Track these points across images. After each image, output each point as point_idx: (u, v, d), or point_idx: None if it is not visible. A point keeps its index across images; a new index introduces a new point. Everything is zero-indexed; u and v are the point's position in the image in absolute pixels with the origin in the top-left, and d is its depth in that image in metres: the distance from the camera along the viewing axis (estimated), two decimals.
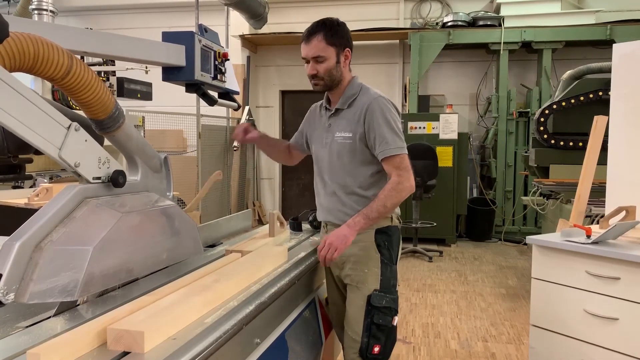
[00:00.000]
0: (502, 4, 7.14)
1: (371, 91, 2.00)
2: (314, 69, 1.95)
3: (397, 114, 1.97)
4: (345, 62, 1.99)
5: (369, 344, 1.89)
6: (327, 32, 1.92)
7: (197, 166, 6.35)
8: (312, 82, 2.00)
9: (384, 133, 1.91)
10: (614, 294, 2.13)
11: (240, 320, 1.32)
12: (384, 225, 1.98)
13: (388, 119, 1.92)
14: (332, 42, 1.93)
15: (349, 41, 2.00)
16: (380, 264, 1.95)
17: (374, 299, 1.91)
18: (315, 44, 1.93)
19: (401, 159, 1.94)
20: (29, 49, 1.10)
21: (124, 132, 1.44)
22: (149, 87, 5.03)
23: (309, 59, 1.95)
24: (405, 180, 1.93)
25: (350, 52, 2.01)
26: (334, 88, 2.01)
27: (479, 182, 7.39)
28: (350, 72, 2.05)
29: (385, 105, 1.94)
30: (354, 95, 2.00)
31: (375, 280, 1.94)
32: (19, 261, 1.12)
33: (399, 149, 1.93)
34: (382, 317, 1.91)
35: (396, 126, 1.94)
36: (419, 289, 4.82)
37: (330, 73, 1.95)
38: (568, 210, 3.73)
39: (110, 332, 1.09)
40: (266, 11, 7.23)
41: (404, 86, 7.72)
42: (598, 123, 2.67)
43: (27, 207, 2.60)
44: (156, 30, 2.13)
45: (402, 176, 1.93)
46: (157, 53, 1.65)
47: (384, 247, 1.97)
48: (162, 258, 1.50)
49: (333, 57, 1.94)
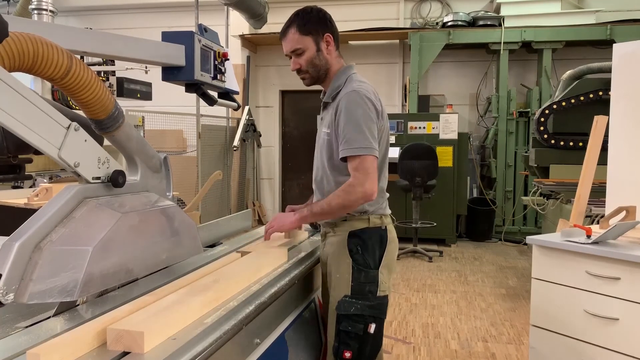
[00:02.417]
0: (502, 4, 7.14)
1: (353, 84, 1.85)
2: (296, 63, 1.88)
3: (370, 110, 1.80)
4: (329, 49, 1.89)
5: (339, 349, 1.82)
6: (300, 22, 1.86)
7: (197, 166, 6.35)
8: (300, 77, 1.91)
9: (345, 131, 1.77)
10: (614, 294, 2.13)
11: (240, 321, 1.32)
12: (357, 228, 1.86)
13: (354, 116, 1.77)
14: (306, 30, 1.85)
15: (328, 26, 1.89)
16: (352, 269, 1.83)
17: (339, 306, 1.82)
18: (290, 38, 1.87)
19: (361, 160, 1.75)
20: (28, 48, 1.10)
21: (123, 132, 1.44)
22: (148, 87, 5.03)
23: (289, 54, 1.89)
24: (358, 184, 1.75)
25: (332, 36, 1.89)
26: (324, 79, 1.92)
27: (479, 182, 7.39)
28: (341, 58, 1.95)
29: (355, 100, 1.78)
30: (338, 87, 1.88)
31: (345, 286, 1.83)
32: (18, 261, 1.12)
33: (359, 150, 1.75)
34: (351, 324, 1.80)
35: (364, 124, 1.77)
36: (419, 289, 4.82)
37: (312, 64, 1.87)
38: (568, 210, 3.73)
39: (110, 332, 1.08)
40: (266, 11, 7.23)
41: (404, 86, 7.72)
42: (598, 123, 2.67)
43: (27, 207, 2.60)
44: (156, 30, 2.13)
45: (356, 178, 1.75)
46: (156, 53, 1.65)
47: (357, 253, 1.84)
48: (162, 258, 1.50)
49: (312, 46, 1.86)
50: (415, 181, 5.97)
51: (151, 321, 1.12)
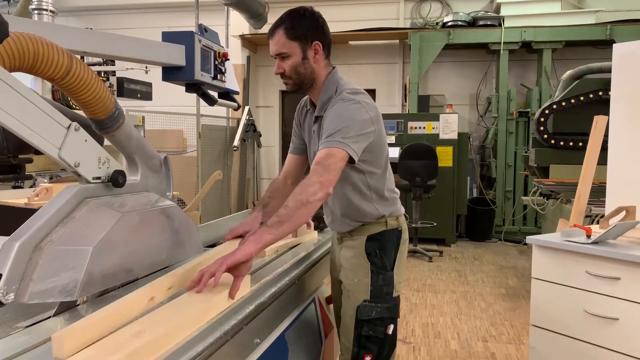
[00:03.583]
0: (502, 4, 7.13)
1: (342, 92, 1.74)
2: (280, 67, 1.74)
3: (359, 115, 1.68)
4: (316, 57, 1.74)
5: (359, 354, 1.81)
6: (288, 25, 1.70)
7: (197, 166, 6.34)
8: (283, 82, 1.78)
9: (329, 127, 1.65)
10: (614, 294, 2.13)
11: (240, 320, 1.32)
12: (375, 232, 1.83)
13: (341, 114, 1.66)
14: (294, 35, 1.70)
15: (319, 33, 1.74)
16: (371, 273, 1.81)
17: (361, 311, 1.79)
18: (277, 40, 1.72)
19: (329, 153, 1.59)
20: (28, 48, 1.10)
21: (123, 132, 1.44)
22: (148, 87, 5.02)
23: (274, 56, 1.75)
24: (314, 175, 1.56)
25: (321, 45, 1.74)
26: (309, 88, 1.79)
27: (479, 182, 7.38)
28: (330, 65, 1.82)
29: (342, 104, 1.69)
30: (330, 99, 1.75)
31: (364, 291, 1.81)
32: (18, 261, 1.12)
33: (334, 142, 1.60)
34: (373, 328, 1.79)
35: (353, 126, 1.65)
36: (419, 289, 4.82)
37: (296, 71, 1.73)
38: (568, 210, 3.73)
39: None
40: (266, 11, 7.23)
41: (404, 86, 7.72)
42: (598, 123, 2.68)
43: (27, 207, 2.60)
44: (156, 30, 2.13)
45: (314, 171, 1.58)
46: (157, 53, 1.65)
47: (375, 256, 1.82)
48: (162, 258, 1.50)
49: (298, 52, 1.71)
50: (415, 181, 5.97)
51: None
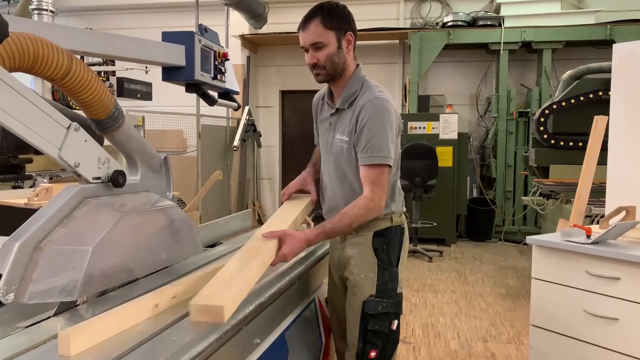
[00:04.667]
0: (502, 4, 7.14)
1: (373, 90, 1.81)
2: (313, 57, 1.78)
3: (394, 119, 1.79)
4: (349, 48, 1.82)
5: (364, 350, 1.83)
6: (325, 16, 1.76)
7: (197, 166, 6.35)
8: (314, 73, 1.82)
9: (371, 137, 1.73)
10: (614, 294, 2.13)
11: (240, 320, 1.32)
12: (382, 228, 1.86)
13: (380, 125, 1.74)
14: (331, 25, 1.76)
15: (351, 24, 1.82)
16: (377, 268, 1.84)
17: (367, 306, 1.81)
18: (312, 30, 1.76)
19: (380, 172, 1.75)
20: (28, 48, 1.10)
21: (123, 132, 1.44)
22: (148, 87, 5.02)
23: (308, 46, 1.79)
24: (377, 199, 1.75)
25: (353, 36, 1.83)
26: (337, 78, 1.84)
27: (479, 182, 7.39)
28: (355, 59, 1.89)
29: (380, 110, 1.76)
30: (355, 93, 1.82)
31: (371, 286, 1.83)
32: (18, 261, 1.12)
33: (383, 158, 1.74)
34: (378, 323, 1.81)
35: (389, 135, 1.75)
36: (419, 289, 4.82)
37: (331, 60, 1.78)
38: (568, 210, 3.73)
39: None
40: (266, 11, 7.23)
41: (404, 86, 7.72)
42: (598, 123, 2.67)
43: (27, 207, 2.60)
44: (156, 30, 2.12)
45: (375, 193, 1.74)
46: (157, 53, 1.65)
47: (382, 252, 1.85)
48: (162, 258, 1.50)
49: (333, 42, 1.77)
50: (415, 181, 5.98)
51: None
